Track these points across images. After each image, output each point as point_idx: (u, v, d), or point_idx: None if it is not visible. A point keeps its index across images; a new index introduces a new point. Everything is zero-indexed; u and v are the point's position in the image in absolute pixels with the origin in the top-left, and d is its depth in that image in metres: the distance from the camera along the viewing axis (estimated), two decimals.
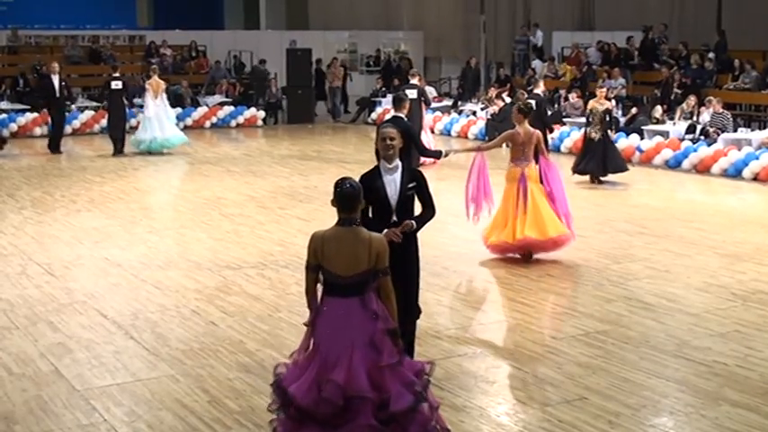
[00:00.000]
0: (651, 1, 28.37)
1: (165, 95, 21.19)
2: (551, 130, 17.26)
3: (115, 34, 33.84)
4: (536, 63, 28.90)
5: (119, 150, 20.49)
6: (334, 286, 5.74)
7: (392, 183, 7.10)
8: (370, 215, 7.01)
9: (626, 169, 16.81)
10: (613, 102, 16.72)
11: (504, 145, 12.44)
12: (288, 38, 32.90)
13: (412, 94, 18.26)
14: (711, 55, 23.80)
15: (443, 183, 17.53)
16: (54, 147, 21.22)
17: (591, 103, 16.87)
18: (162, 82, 21.23)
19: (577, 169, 16.72)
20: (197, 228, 13.16)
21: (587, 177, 16.83)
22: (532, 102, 12.94)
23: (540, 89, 16.56)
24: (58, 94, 21.18)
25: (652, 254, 11.64)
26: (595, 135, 16.38)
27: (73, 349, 8.17)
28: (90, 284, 10.24)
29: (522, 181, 11.08)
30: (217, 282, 10.33)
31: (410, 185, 7.18)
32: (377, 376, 5.65)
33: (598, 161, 16.51)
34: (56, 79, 21.11)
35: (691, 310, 9.29)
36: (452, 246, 12.08)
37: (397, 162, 7.12)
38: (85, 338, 8.46)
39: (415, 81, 18.81)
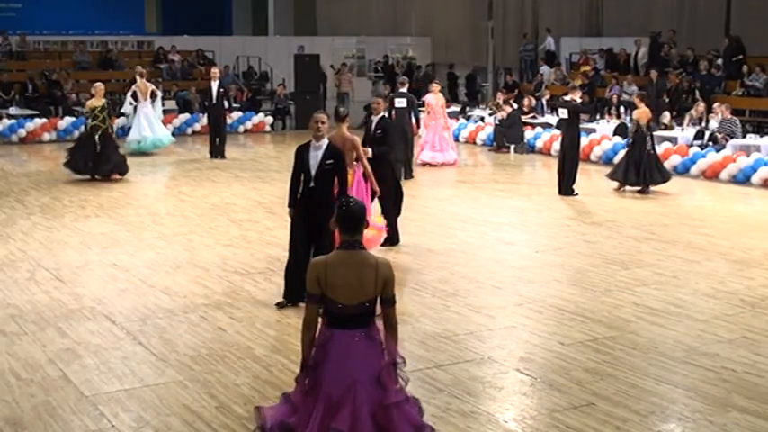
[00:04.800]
0: (659, 6, 28.36)
1: (151, 97, 21.57)
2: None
3: (123, 40, 33.95)
4: (544, 69, 28.90)
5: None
6: (338, 317, 5.31)
7: (314, 158, 9.16)
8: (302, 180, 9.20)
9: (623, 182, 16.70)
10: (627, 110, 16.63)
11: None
12: (296, 43, 33.03)
13: (401, 102, 18.14)
14: (720, 61, 23.79)
15: (451, 189, 17.56)
16: (215, 153, 21.06)
17: None
18: (149, 84, 21.75)
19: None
20: (205, 233, 13.17)
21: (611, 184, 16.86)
22: (346, 107, 12.71)
23: (576, 95, 16.41)
24: (215, 100, 21.18)
25: (660, 260, 11.62)
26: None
27: (81, 355, 8.19)
28: (98, 290, 10.26)
29: None
30: (225, 287, 10.34)
31: (328, 162, 9.13)
32: (383, 417, 5.30)
33: (647, 169, 16.45)
34: (214, 86, 21.12)
35: (699, 317, 9.27)
36: (460, 251, 12.08)
37: (324, 143, 9.17)
38: (94, 344, 8.47)
39: (404, 90, 18.61)
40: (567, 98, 16.41)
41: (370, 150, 11.31)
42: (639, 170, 16.34)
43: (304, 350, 5.38)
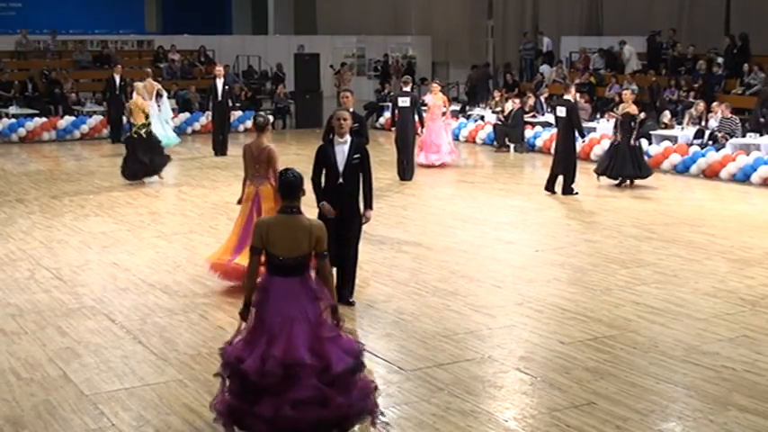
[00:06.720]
0: (659, 6, 28.36)
1: (157, 97, 21.40)
2: (582, 135, 17.08)
3: (123, 39, 33.95)
4: (544, 68, 28.90)
5: None
6: (277, 267, 6.27)
7: (341, 153, 9.18)
8: (323, 178, 9.26)
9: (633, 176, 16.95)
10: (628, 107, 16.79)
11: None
12: (296, 42, 33.02)
13: (404, 102, 18.09)
14: (720, 59, 23.78)
15: (451, 188, 17.56)
16: (219, 150, 21.35)
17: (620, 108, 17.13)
18: (155, 83, 21.66)
19: (604, 173, 16.91)
20: (205, 232, 13.16)
21: (607, 181, 17.00)
22: (269, 116, 11.53)
23: (570, 94, 16.40)
24: (220, 98, 21.29)
25: (660, 259, 11.62)
26: (619, 139, 16.71)
27: (81, 354, 8.19)
28: (98, 289, 10.26)
29: (256, 201, 10.14)
30: (225, 286, 10.32)
31: (355, 156, 9.19)
32: (318, 347, 6.15)
33: (628, 164, 16.66)
34: (219, 83, 21.25)
35: (699, 315, 9.27)
36: (460, 250, 12.08)
37: (347, 138, 9.19)
38: (94, 343, 8.47)
39: (407, 89, 18.55)
40: (567, 97, 16.40)
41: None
42: (614, 162, 16.76)
43: (246, 292, 6.37)
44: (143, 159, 17.15)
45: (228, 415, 6.21)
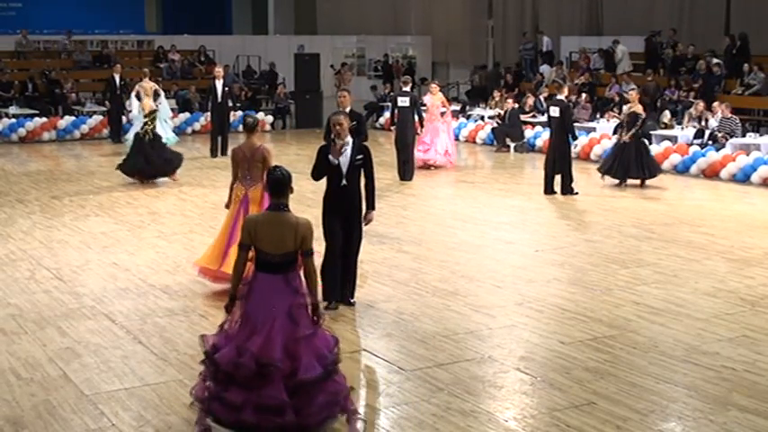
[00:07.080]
0: (659, 6, 28.35)
1: (155, 96, 21.33)
2: (575, 138, 17.07)
3: (123, 39, 33.95)
4: (544, 68, 28.89)
5: None
6: (264, 263, 6.36)
7: (344, 155, 9.18)
8: (325, 180, 9.30)
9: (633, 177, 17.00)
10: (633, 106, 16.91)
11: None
12: (296, 42, 33.02)
13: (404, 101, 18.06)
14: (716, 60, 23.77)
15: (451, 188, 17.57)
16: (217, 151, 21.21)
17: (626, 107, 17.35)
18: (153, 84, 21.59)
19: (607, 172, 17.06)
20: (205, 232, 13.14)
21: (610, 180, 17.11)
22: (256, 116, 11.43)
23: (563, 94, 16.38)
24: (220, 99, 21.25)
25: (660, 259, 11.62)
26: (623, 138, 16.83)
27: (81, 354, 8.19)
28: (98, 289, 10.26)
29: (244, 203, 9.97)
30: (225, 286, 10.31)
31: (358, 157, 9.21)
32: (292, 346, 6.23)
33: (629, 164, 16.73)
34: (219, 84, 21.21)
35: (699, 315, 9.28)
36: (460, 250, 12.08)
37: (349, 139, 9.20)
38: (94, 343, 8.47)
39: (407, 89, 18.51)
40: (560, 97, 16.40)
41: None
42: (618, 162, 16.93)
43: (232, 287, 6.51)
44: (139, 160, 17.15)
45: (207, 401, 6.31)
